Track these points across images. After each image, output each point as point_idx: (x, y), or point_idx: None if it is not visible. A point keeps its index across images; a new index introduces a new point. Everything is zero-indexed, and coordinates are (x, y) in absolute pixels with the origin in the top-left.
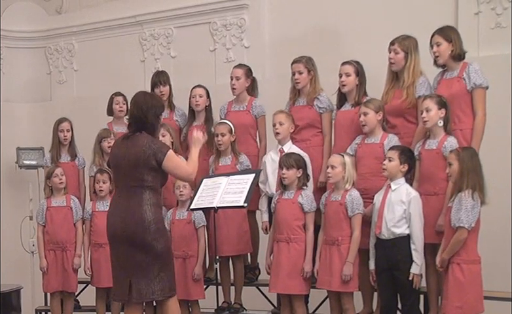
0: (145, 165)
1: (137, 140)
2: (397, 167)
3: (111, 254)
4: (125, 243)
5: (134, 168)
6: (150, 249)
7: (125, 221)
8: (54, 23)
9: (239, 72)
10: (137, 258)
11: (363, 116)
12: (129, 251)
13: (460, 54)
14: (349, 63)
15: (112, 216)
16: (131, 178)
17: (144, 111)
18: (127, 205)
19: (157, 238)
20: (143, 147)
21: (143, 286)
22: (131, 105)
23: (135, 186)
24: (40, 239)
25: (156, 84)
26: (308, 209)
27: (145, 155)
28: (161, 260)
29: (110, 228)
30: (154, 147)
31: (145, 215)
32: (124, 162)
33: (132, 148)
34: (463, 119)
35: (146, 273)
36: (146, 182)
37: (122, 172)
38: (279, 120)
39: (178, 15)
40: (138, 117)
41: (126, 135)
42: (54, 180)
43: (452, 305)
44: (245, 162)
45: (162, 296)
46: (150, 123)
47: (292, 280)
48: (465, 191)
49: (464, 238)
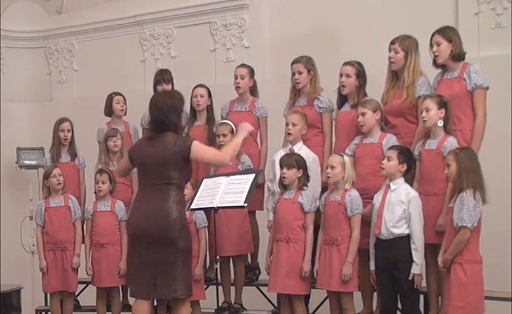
0: (173, 163)
1: (162, 140)
2: (396, 166)
3: (132, 253)
4: (149, 240)
5: (162, 166)
6: (175, 246)
7: (150, 218)
8: (54, 23)
9: (244, 71)
10: (162, 255)
11: (361, 116)
12: (154, 248)
13: (460, 55)
14: (350, 64)
15: (136, 214)
16: (158, 176)
17: (165, 112)
18: (152, 201)
19: (182, 235)
20: (169, 145)
21: (166, 284)
22: (152, 107)
23: (161, 184)
24: (39, 239)
25: (159, 81)
26: (308, 209)
27: (172, 152)
28: (184, 257)
29: (134, 226)
30: (178, 143)
31: (170, 212)
32: (151, 161)
33: (158, 147)
34: (463, 119)
35: (171, 270)
36: (173, 180)
37: (148, 170)
38: (292, 120)
39: (178, 15)
40: (160, 119)
41: (150, 135)
42: (52, 181)
43: (454, 305)
44: (246, 162)
45: (184, 294)
46: (173, 123)
47: (292, 280)
48: (466, 191)
49: (467, 238)
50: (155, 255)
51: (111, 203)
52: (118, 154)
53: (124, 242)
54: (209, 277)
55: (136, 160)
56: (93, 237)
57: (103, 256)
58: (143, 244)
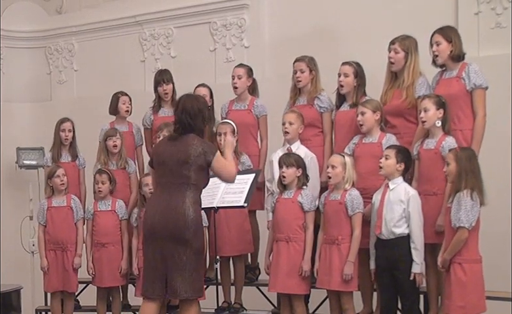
0: (194, 163)
1: (186, 140)
2: (394, 165)
3: (147, 251)
4: (164, 239)
5: (182, 165)
6: (189, 246)
7: (166, 216)
8: (54, 23)
9: (241, 71)
10: (176, 254)
11: (361, 115)
12: (169, 247)
13: (459, 55)
14: (348, 64)
15: (152, 212)
16: (177, 175)
17: (192, 117)
18: (169, 200)
19: (196, 236)
20: (194, 145)
21: (178, 284)
22: (179, 112)
23: (179, 183)
24: (40, 238)
25: (159, 82)
26: (308, 208)
27: (196, 153)
28: (197, 258)
29: (149, 223)
30: (204, 146)
31: (187, 211)
32: (171, 160)
33: (181, 147)
34: (463, 119)
35: (183, 270)
36: (192, 180)
37: (167, 169)
38: (289, 119)
39: (178, 15)
40: (187, 123)
41: (173, 136)
42: (55, 181)
43: (454, 305)
44: (246, 162)
45: (195, 295)
46: (198, 127)
47: (292, 279)
48: (463, 191)
49: (465, 238)
50: (169, 254)
51: (112, 203)
52: (117, 154)
53: (125, 242)
54: (209, 277)
55: (156, 159)
56: (94, 236)
57: (104, 256)
58: (157, 243)
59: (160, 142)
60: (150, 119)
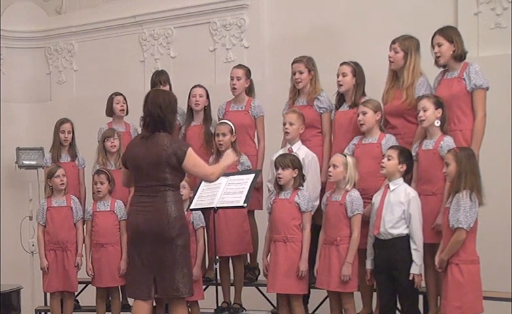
0: (167, 164)
1: (157, 140)
2: (396, 166)
3: (132, 253)
4: (149, 240)
5: (156, 168)
6: (175, 244)
7: (149, 217)
8: (53, 24)
9: (240, 72)
10: (162, 254)
11: (362, 115)
12: (154, 247)
13: (461, 54)
14: (346, 64)
15: (134, 215)
16: (154, 178)
17: (163, 110)
18: (150, 202)
19: (180, 234)
20: (164, 146)
21: (167, 283)
22: (149, 104)
23: (158, 185)
24: (40, 238)
25: (156, 83)
26: (305, 209)
27: (167, 154)
28: (184, 255)
29: (133, 226)
30: (174, 146)
31: (170, 210)
32: (145, 162)
33: (153, 148)
34: (463, 119)
35: (171, 269)
36: (169, 180)
37: (143, 172)
38: (289, 119)
39: (178, 15)
40: (157, 116)
41: (144, 135)
42: (55, 181)
43: (451, 305)
44: (245, 163)
45: (186, 293)
46: (169, 121)
47: (290, 279)
48: (462, 191)
49: (463, 239)
50: (155, 254)
51: (111, 203)
52: (115, 154)
53: (124, 241)
54: (208, 277)
55: (130, 163)
56: (93, 237)
57: (103, 256)
58: (143, 245)
59: (132, 143)
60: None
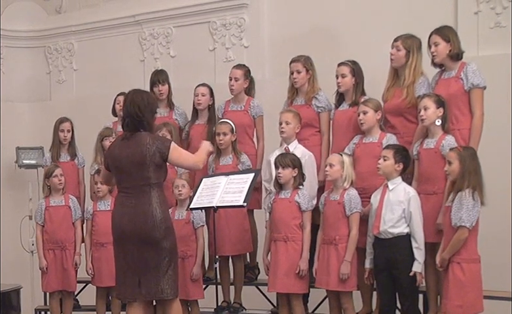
0: (151, 163)
1: (138, 139)
2: (392, 166)
3: (117, 254)
4: (134, 241)
5: (140, 167)
6: (160, 247)
7: (134, 219)
8: (53, 23)
9: (239, 73)
10: (147, 255)
11: (362, 114)
12: (139, 249)
13: (458, 54)
14: (344, 64)
15: (118, 216)
16: (137, 177)
17: (142, 110)
18: (135, 203)
19: (166, 236)
20: (147, 145)
21: (152, 285)
22: (128, 104)
23: (141, 185)
24: (39, 238)
25: (154, 83)
26: (305, 208)
27: (150, 152)
28: (169, 257)
29: (117, 228)
30: (157, 143)
31: (155, 213)
32: (127, 162)
33: (135, 148)
34: (461, 119)
35: (156, 271)
36: (152, 180)
37: (126, 172)
38: (285, 119)
39: (177, 14)
40: (136, 115)
41: (124, 135)
42: (53, 180)
43: (452, 304)
44: (246, 162)
45: (171, 294)
46: (147, 121)
47: (291, 279)
48: (465, 190)
49: (465, 237)
50: (140, 256)
51: (111, 202)
52: None
53: None
54: (208, 277)
55: (112, 164)
56: (93, 236)
57: (103, 256)
58: (128, 246)
59: (113, 144)
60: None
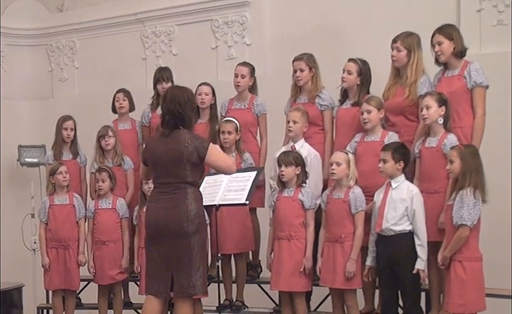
0: (188, 162)
1: (177, 137)
2: (393, 166)
3: (150, 250)
4: (168, 236)
5: (176, 165)
6: (193, 241)
7: (169, 214)
8: (55, 21)
9: (245, 70)
10: (180, 251)
11: (366, 113)
12: (173, 244)
13: (462, 51)
14: (353, 61)
15: (153, 211)
16: (174, 175)
17: (182, 106)
18: (170, 198)
19: (198, 231)
20: (185, 143)
21: (184, 280)
22: (168, 101)
23: (178, 183)
24: (42, 236)
25: (158, 80)
26: (309, 206)
27: (188, 151)
28: (201, 253)
29: (152, 222)
30: (196, 142)
31: (190, 207)
32: (164, 159)
33: (173, 145)
34: (463, 117)
35: (189, 266)
36: (189, 178)
37: (163, 169)
38: (293, 118)
39: (179, 12)
40: (177, 112)
41: (163, 132)
42: (58, 178)
43: (454, 303)
44: (248, 160)
45: (201, 291)
46: (188, 117)
47: (294, 277)
48: (466, 189)
49: (466, 236)
50: (174, 251)
51: (112, 201)
52: (111, 152)
53: (126, 239)
54: (210, 275)
55: (149, 160)
56: (95, 234)
57: (105, 254)
58: (161, 241)
59: (152, 140)
60: (148, 116)
